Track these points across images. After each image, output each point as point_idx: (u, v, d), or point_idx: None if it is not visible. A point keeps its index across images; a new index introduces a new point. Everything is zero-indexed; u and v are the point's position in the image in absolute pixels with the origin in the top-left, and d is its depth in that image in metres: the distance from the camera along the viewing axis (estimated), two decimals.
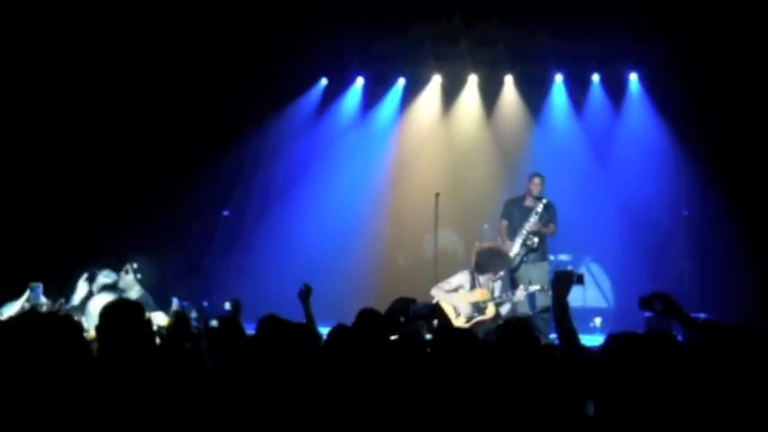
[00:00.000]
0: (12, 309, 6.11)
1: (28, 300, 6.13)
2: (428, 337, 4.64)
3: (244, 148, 11.61)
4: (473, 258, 8.42)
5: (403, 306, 4.60)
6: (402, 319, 4.54)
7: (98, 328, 3.55)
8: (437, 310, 4.75)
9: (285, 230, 11.55)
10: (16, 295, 6.27)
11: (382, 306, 6.49)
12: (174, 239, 10.85)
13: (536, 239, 9.12)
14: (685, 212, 10.54)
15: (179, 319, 4.60)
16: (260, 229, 11.62)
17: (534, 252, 9.17)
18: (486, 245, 8.72)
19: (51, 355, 2.92)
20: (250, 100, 11.31)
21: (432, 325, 4.64)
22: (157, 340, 4.51)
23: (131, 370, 3.28)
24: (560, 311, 3.72)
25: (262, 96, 11.42)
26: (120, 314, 3.56)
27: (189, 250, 11.14)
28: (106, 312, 3.58)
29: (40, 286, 6.19)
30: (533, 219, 9.18)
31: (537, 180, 9.45)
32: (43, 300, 6.17)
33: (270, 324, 3.80)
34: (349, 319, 4.49)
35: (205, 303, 8.25)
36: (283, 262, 11.02)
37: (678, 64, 10.55)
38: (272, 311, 3.96)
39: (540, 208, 9.20)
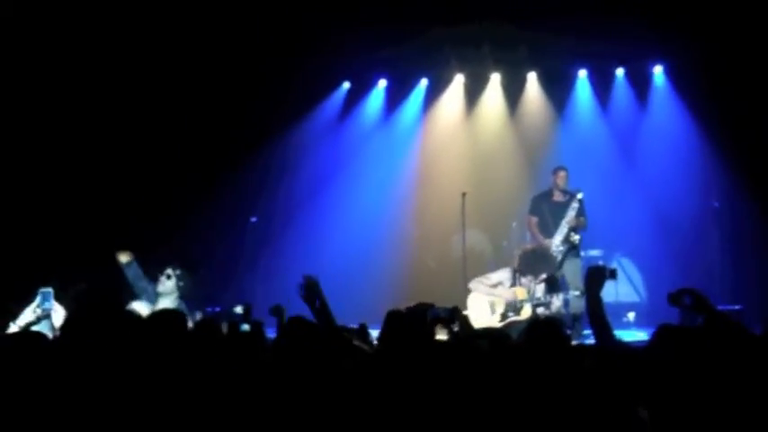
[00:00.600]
0: (24, 317, 5.99)
1: (39, 306, 6.01)
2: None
3: (269, 153, 11.63)
4: (516, 259, 8.37)
5: (420, 312, 4.53)
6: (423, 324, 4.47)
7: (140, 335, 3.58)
8: (457, 315, 4.66)
9: (312, 235, 11.55)
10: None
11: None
12: (202, 246, 10.89)
13: (577, 236, 9.04)
14: (716, 204, 10.42)
15: (204, 326, 4.59)
16: (287, 234, 11.62)
17: (576, 248, 9.10)
18: (530, 247, 8.67)
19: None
20: (274, 105, 11.33)
21: (452, 329, 4.56)
22: None
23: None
24: (594, 307, 3.68)
25: (286, 101, 11.44)
26: (164, 323, 3.60)
27: (216, 257, 11.17)
28: (151, 321, 3.61)
29: (50, 292, 6.09)
30: (571, 214, 9.09)
31: (562, 173, 9.41)
32: (55, 305, 6.07)
33: (296, 326, 3.79)
34: (377, 323, 4.48)
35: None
36: (310, 266, 10.89)
37: (703, 55, 10.44)
38: (299, 315, 3.97)
39: (575, 203, 9.11)
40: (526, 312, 8.01)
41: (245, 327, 4.99)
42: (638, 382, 3.00)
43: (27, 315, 6.01)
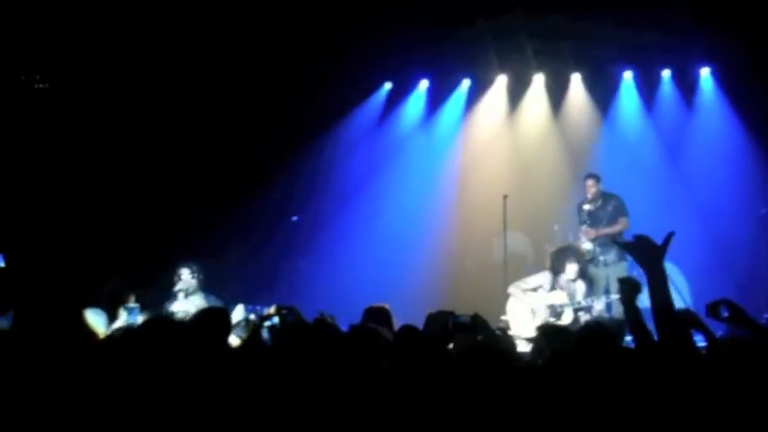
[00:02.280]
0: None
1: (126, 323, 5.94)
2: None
3: (312, 153, 11.67)
4: (549, 260, 8.31)
5: (440, 321, 4.42)
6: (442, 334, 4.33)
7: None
8: (479, 323, 4.52)
9: (353, 236, 11.54)
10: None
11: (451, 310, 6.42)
12: (245, 245, 10.96)
13: (587, 246, 8.96)
14: (764, 210, 10.20)
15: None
16: (328, 234, 11.63)
17: (610, 255, 8.99)
18: (555, 247, 8.61)
19: None
20: (318, 105, 11.37)
21: (475, 338, 4.44)
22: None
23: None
24: (632, 317, 3.58)
25: (329, 101, 11.47)
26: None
27: (258, 255, 11.22)
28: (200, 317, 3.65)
29: (136, 308, 6.13)
30: (583, 228, 9.05)
31: (589, 182, 9.36)
32: (139, 319, 6.05)
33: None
34: (418, 325, 4.44)
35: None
36: (351, 267, 11.01)
37: (751, 57, 10.24)
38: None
39: (584, 216, 9.05)
40: (568, 317, 7.90)
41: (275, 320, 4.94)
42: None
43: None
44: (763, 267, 10.09)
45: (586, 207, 9.30)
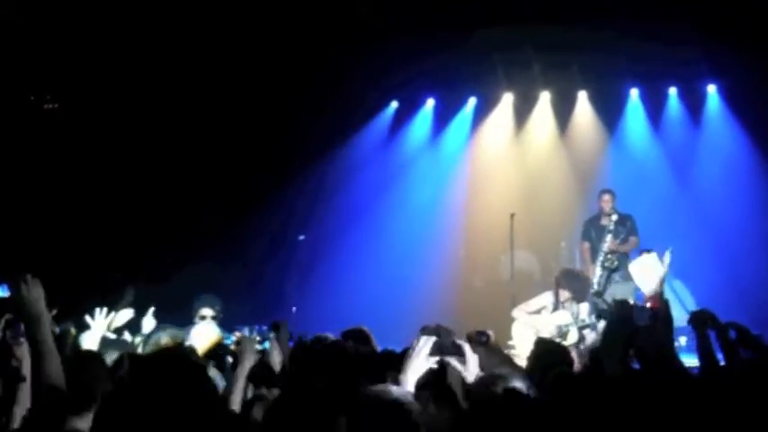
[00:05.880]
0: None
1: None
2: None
3: (319, 172, 11.70)
4: (557, 277, 8.29)
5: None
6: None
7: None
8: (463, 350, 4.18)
9: (360, 253, 11.53)
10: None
11: (458, 329, 6.41)
12: (250, 262, 10.99)
13: (615, 260, 8.92)
14: None
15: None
16: (335, 253, 11.63)
17: (617, 271, 8.96)
18: (564, 268, 8.62)
19: None
20: (325, 123, 11.40)
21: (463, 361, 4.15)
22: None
23: None
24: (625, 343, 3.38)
25: (336, 119, 11.51)
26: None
27: (265, 274, 11.23)
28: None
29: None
30: (608, 238, 9.01)
31: (606, 197, 9.31)
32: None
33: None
34: None
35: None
36: (358, 286, 11.01)
37: (757, 75, 10.24)
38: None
39: (611, 226, 9.02)
40: (573, 336, 7.86)
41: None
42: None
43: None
44: None
45: (603, 222, 9.28)
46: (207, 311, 6.44)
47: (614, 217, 9.11)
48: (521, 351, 7.85)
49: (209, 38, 10.14)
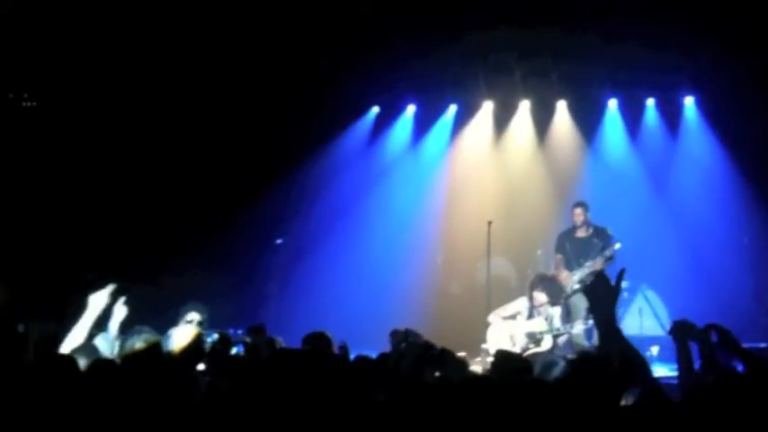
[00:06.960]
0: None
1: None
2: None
3: (298, 176, 11.68)
4: (531, 280, 8.36)
5: (415, 352, 4.19)
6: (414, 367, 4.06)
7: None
8: (446, 357, 4.24)
9: (337, 258, 11.54)
10: None
11: (435, 334, 6.45)
12: (229, 266, 10.95)
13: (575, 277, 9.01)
14: (745, 239, 10.27)
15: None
16: (313, 257, 11.63)
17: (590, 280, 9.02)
18: (539, 273, 8.68)
19: None
20: (305, 128, 11.42)
21: (443, 371, 4.18)
22: None
23: None
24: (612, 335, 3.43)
25: (316, 124, 11.52)
26: None
27: (242, 277, 11.20)
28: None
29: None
30: (599, 259, 8.99)
31: (578, 210, 9.35)
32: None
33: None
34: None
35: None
36: (336, 290, 11.02)
37: (735, 87, 10.35)
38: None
39: (608, 252, 8.99)
40: (547, 343, 7.93)
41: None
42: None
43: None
44: (745, 295, 10.15)
45: (579, 234, 9.31)
46: (194, 316, 6.47)
47: (590, 229, 9.18)
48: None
49: (188, 42, 10.13)
